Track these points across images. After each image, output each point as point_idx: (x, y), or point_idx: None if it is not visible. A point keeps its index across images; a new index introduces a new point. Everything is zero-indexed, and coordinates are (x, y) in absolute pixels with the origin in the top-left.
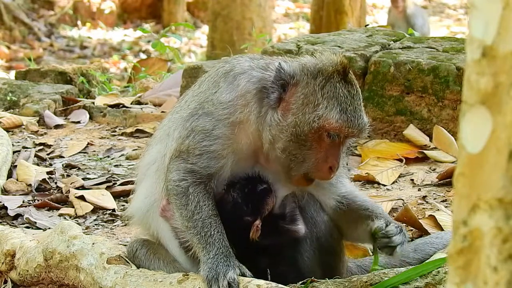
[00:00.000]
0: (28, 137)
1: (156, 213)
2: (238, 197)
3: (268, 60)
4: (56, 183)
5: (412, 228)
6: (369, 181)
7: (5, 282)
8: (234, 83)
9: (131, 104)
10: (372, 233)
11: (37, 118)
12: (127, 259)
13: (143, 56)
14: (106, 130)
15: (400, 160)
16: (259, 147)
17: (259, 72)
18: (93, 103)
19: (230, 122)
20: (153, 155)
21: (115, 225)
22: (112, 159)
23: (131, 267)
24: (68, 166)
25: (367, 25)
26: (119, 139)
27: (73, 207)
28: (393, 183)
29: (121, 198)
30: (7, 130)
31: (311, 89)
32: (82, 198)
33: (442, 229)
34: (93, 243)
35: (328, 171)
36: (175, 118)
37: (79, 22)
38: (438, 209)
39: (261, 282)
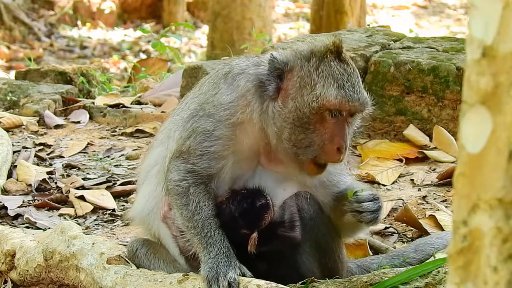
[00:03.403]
0: (28, 137)
1: (158, 215)
2: (235, 210)
3: (262, 56)
4: (56, 183)
5: (412, 228)
6: (369, 181)
7: (5, 282)
8: (234, 84)
9: (131, 104)
10: (347, 197)
11: (37, 118)
12: (127, 259)
13: (143, 56)
14: (106, 130)
15: (400, 160)
16: (262, 147)
17: (254, 69)
18: (93, 103)
19: (231, 123)
20: (155, 157)
21: (115, 225)
22: (112, 159)
23: (131, 267)
24: (68, 166)
25: (368, 25)
26: (119, 139)
27: (73, 207)
28: (393, 183)
29: (121, 198)
30: (7, 130)
31: (306, 71)
32: (82, 198)
33: (442, 229)
34: (93, 243)
35: (336, 152)
36: (175, 120)
37: (79, 22)
38: (438, 209)
39: (261, 282)
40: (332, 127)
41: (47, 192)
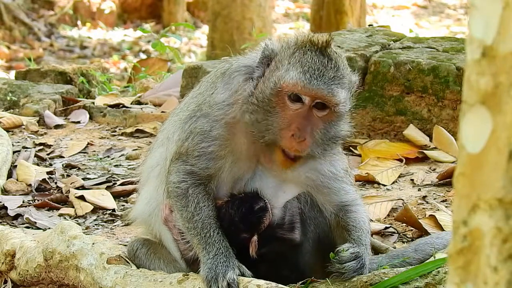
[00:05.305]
0: (28, 137)
1: (159, 217)
2: (235, 215)
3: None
4: (56, 183)
5: (412, 228)
6: (369, 181)
7: (5, 282)
8: (230, 82)
9: (131, 104)
10: (331, 255)
11: (37, 118)
12: (127, 259)
13: (143, 56)
14: (106, 130)
15: (400, 160)
16: (259, 145)
17: (248, 61)
18: (93, 103)
19: (226, 122)
20: (156, 159)
21: (115, 225)
22: (112, 159)
23: (131, 267)
24: (68, 166)
25: (371, 25)
26: (119, 139)
27: (73, 207)
28: (393, 183)
29: (121, 198)
30: (7, 130)
31: (281, 57)
32: (82, 198)
33: (442, 229)
34: (93, 243)
35: (291, 138)
36: (174, 121)
37: (79, 22)
38: (438, 209)
39: (261, 282)
40: (292, 114)
41: (47, 192)
